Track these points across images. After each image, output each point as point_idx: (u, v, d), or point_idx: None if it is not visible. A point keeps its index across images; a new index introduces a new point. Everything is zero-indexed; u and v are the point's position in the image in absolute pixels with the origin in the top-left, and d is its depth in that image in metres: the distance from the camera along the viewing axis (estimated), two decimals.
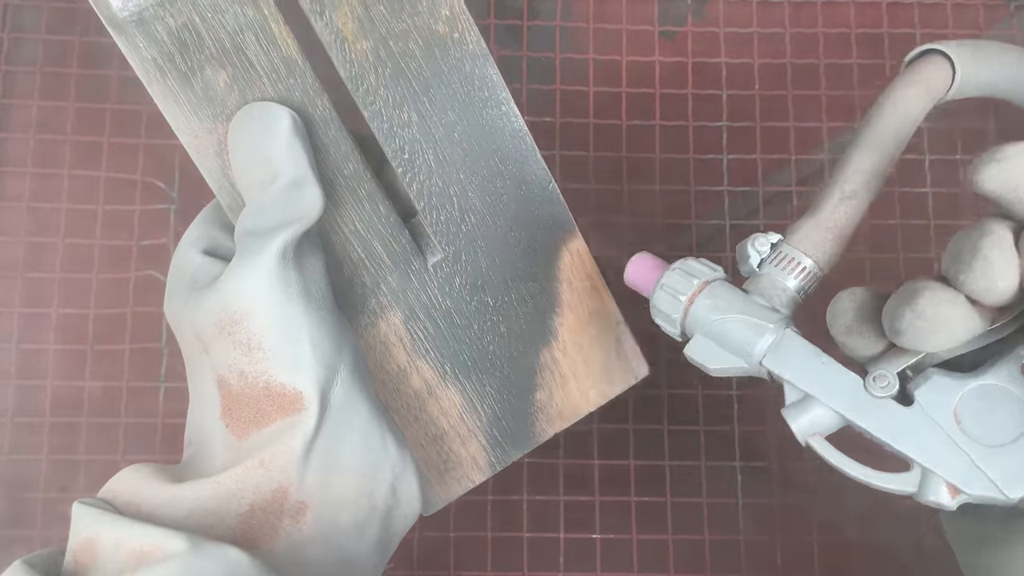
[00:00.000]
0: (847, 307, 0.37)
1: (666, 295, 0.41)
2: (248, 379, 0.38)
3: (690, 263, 0.41)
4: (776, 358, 0.38)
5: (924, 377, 0.36)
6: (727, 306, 0.39)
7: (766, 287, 0.40)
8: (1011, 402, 0.34)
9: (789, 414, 0.38)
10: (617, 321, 0.47)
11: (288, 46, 0.40)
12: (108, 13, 0.38)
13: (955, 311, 0.33)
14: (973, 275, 0.32)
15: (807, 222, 0.41)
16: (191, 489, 0.37)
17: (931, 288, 0.33)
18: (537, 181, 0.44)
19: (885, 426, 0.36)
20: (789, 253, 0.40)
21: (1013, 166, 0.32)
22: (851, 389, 0.36)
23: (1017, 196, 0.32)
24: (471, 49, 0.42)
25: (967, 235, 0.33)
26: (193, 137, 0.40)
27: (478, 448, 0.47)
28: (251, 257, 0.37)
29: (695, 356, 0.40)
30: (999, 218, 0.33)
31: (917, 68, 0.43)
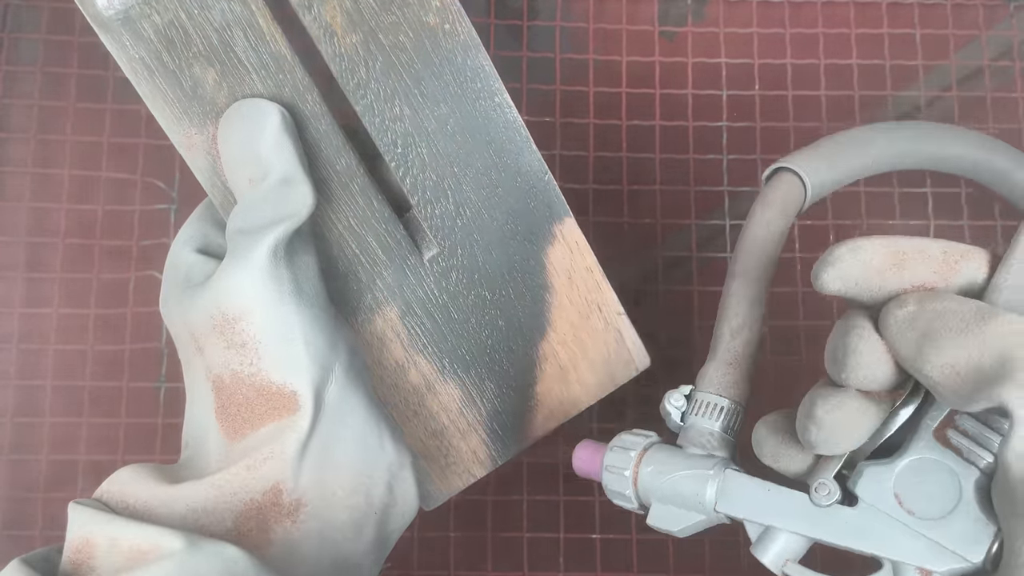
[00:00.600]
0: (766, 435, 0.39)
1: (613, 475, 0.42)
2: (242, 378, 0.38)
3: (624, 438, 0.43)
4: (727, 502, 0.39)
5: (858, 473, 0.36)
6: (668, 467, 0.41)
7: (695, 436, 0.41)
8: (939, 470, 0.34)
9: (757, 551, 0.38)
10: (618, 313, 0.47)
11: (277, 41, 0.40)
12: (93, 11, 0.38)
13: (849, 411, 0.34)
14: (850, 371, 0.34)
15: (709, 366, 0.43)
16: (187, 489, 0.37)
17: (822, 396, 0.35)
18: (533, 172, 0.44)
19: (841, 532, 0.36)
20: (704, 399, 0.42)
21: (845, 266, 0.34)
22: (801, 507, 0.37)
23: (859, 289, 0.35)
24: (462, 40, 0.42)
25: (836, 335, 0.35)
26: (183, 135, 0.40)
27: (478, 442, 0.47)
28: (242, 256, 0.37)
29: (658, 524, 0.41)
30: (858, 310, 0.35)
31: (771, 189, 0.46)
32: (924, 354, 0.32)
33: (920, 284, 0.34)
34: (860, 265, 0.34)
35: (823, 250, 0.55)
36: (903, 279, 0.34)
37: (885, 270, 0.34)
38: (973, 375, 0.31)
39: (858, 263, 0.34)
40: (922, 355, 0.32)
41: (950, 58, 0.59)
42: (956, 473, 0.34)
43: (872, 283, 0.34)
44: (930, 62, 0.59)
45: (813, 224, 0.57)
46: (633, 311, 0.48)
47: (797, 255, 0.56)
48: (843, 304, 0.36)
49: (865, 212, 0.57)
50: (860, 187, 0.57)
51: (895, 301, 0.34)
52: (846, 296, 0.35)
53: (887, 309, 0.34)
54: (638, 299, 0.53)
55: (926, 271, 0.34)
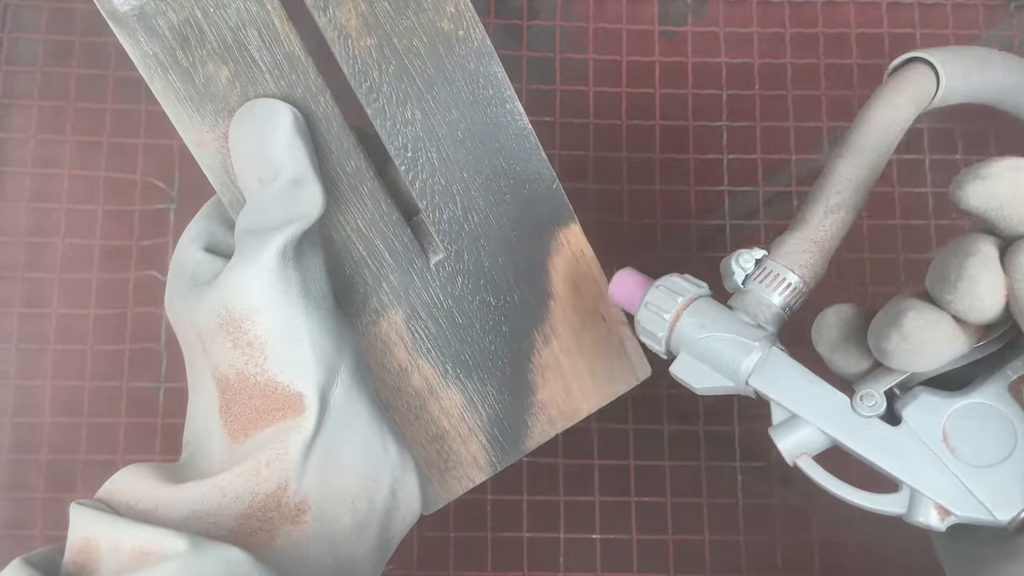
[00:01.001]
0: (832, 324, 0.37)
1: (650, 313, 0.40)
2: (247, 379, 0.38)
3: (674, 280, 0.41)
4: (762, 377, 0.38)
5: (912, 396, 0.35)
6: (712, 324, 0.39)
7: (751, 304, 0.39)
8: (999, 421, 0.34)
9: (776, 434, 0.37)
10: (620, 322, 0.47)
11: (291, 42, 0.39)
12: (109, 7, 0.38)
13: (941, 332, 0.33)
14: (959, 295, 0.32)
15: (791, 237, 0.40)
16: (190, 490, 0.37)
17: (917, 309, 0.33)
18: (541, 180, 0.44)
19: (873, 446, 0.35)
20: (774, 269, 0.40)
21: (998, 184, 0.32)
22: (838, 409, 0.36)
23: (1002, 213, 0.32)
24: (476, 47, 0.42)
25: (952, 253, 0.33)
26: (194, 133, 0.40)
27: (478, 448, 0.47)
28: (251, 256, 0.37)
29: (681, 375, 0.39)
30: (984, 235, 0.33)
31: (902, 76, 0.43)
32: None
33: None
34: (1013, 187, 0.32)
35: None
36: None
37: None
38: None
39: (1015, 185, 0.32)
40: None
41: None
42: (1016, 429, 0.34)
43: (1017, 210, 0.32)
44: None
45: None
46: None
47: None
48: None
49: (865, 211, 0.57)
50: None
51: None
52: (984, 217, 0.33)
53: (1020, 246, 0.32)
54: None
55: None
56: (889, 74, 0.44)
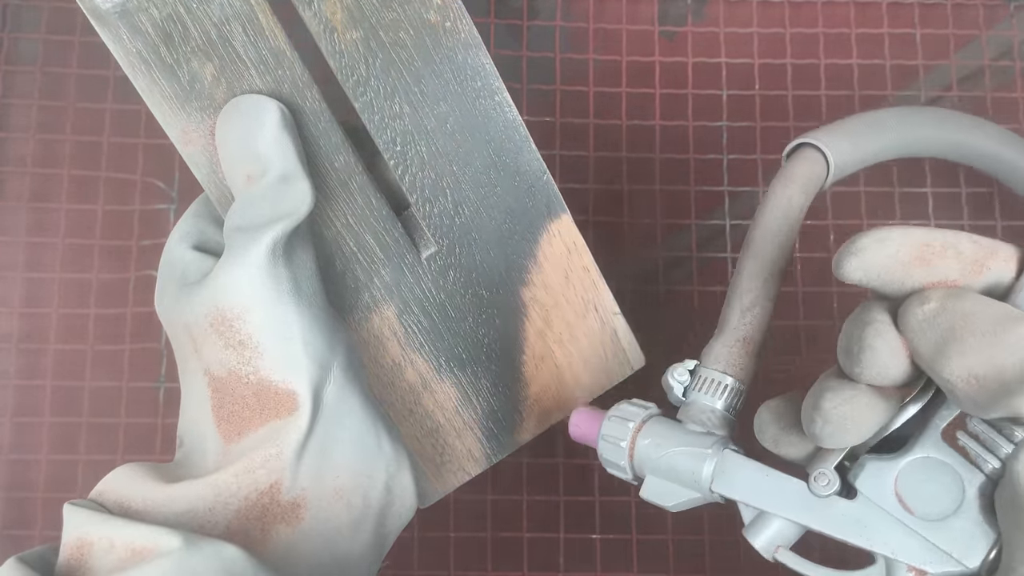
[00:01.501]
0: (768, 421, 0.38)
1: (608, 444, 0.42)
2: (239, 378, 0.38)
3: (623, 408, 0.42)
4: (723, 482, 0.38)
5: (860, 465, 0.36)
6: (665, 441, 0.40)
7: (696, 413, 0.41)
8: (943, 471, 0.34)
9: (749, 534, 0.38)
10: (614, 312, 0.47)
11: (276, 37, 0.39)
12: (91, 5, 0.37)
13: (860, 407, 0.33)
14: (864, 367, 0.33)
15: (716, 342, 0.42)
16: (184, 489, 0.37)
17: (832, 389, 0.34)
18: (531, 172, 0.44)
19: (837, 525, 0.36)
20: (708, 376, 0.41)
21: (870, 257, 0.33)
22: (798, 495, 0.37)
23: (882, 281, 0.34)
24: (463, 38, 0.42)
25: (852, 326, 0.34)
26: (180, 131, 0.40)
27: (473, 440, 0.47)
28: (240, 254, 0.37)
29: (651, 497, 0.41)
30: (876, 302, 0.34)
31: (792, 166, 0.44)
32: (944, 356, 0.31)
33: (944, 281, 0.33)
34: (885, 257, 0.33)
35: (822, 250, 0.55)
36: (928, 275, 0.33)
37: (910, 264, 0.33)
38: (993, 383, 0.30)
39: (883, 255, 0.33)
40: (942, 357, 0.31)
41: (950, 58, 0.59)
42: (960, 476, 0.34)
43: (895, 276, 0.33)
44: (930, 62, 0.59)
45: (813, 224, 0.57)
46: (633, 311, 0.48)
47: (797, 255, 0.56)
48: (844, 302, 0.36)
49: (865, 212, 0.57)
50: (860, 187, 0.57)
51: (917, 297, 0.33)
52: (867, 287, 0.34)
53: (908, 305, 0.33)
54: (638, 299, 0.53)
55: (953, 268, 0.33)
56: (785, 158, 0.46)
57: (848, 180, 0.48)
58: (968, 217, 0.57)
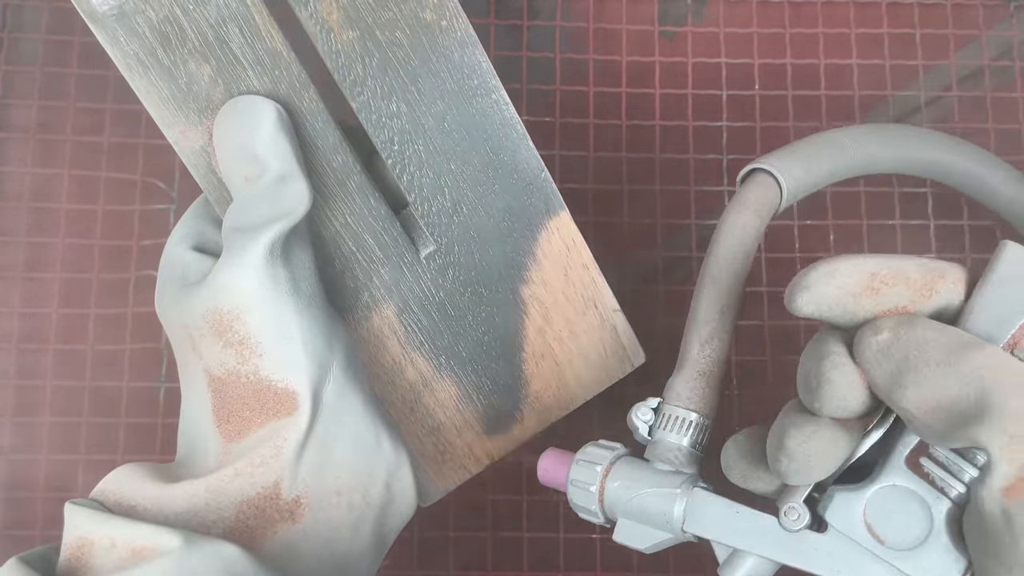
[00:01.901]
0: (734, 458, 0.38)
1: (578, 489, 0.41)
2: (239, 378, 0.38)
3: (589, 451, 0.42)
4: (694, 522, 0.38)
5: (828, 497, 0.36)
6: (634, 483, 0.40)
7: (663, 452, 0.41)
8: (910, 499, 0.34)
9: (724, 572, 0.38)
10: (614, 309, 0.47)
11: (273, 37, 0.39)
12: (87, 8, 0.38)
13: (822, 442, 0.33)
14: (824, 400, 0.33)
15: (677, 378, 0.42)
16: (184, 489, 0.37)
17: (795, 426, 0.34)
18: (529, 169, 0.44)
19: (810, 559, 0.36)
20: (671, 412, 0.41)
21: (819, 290, 0.34)
22: (769, 531, 0.36)
23: (834, 313, 0.34)
24: (459, 37, 0.42)
25: (809, 359, 0.34)
26: (178, 132, 0.40)
27: (474, 438, 0.47)
28: (238, 254, 0.37)
29: (624, 541, 0.40)
30: (831, 333, 0.34)
31: (745, 191, 0.44)
32: (900, 386, 0.31)
33: (895, 308, 0.33)
34: (834, 289, 0.34)
35: (823, 251, 0.55)
36: (878, 304, 0.33)
37: (860, 294, 0.33)
38: (950, 412, 0.30)
39: (832, 287, 0.34)
40: (898, 387, 0.32)
41: (950, 58, 0.59)
42: (927, 503, 0.34)
43: (847, 308, 0.34)
44: (930, 62, 0.59)
45: (813, 224, 0.57)
46: (633, 311, 0.48)
47: (797, 255, 0.56)
48: None
49: (865, 212, 0.57)
50: (860, 187, 0.57)
51: (870, 327, 0.33)
52: (820, 319, 0.34)
53: (862, 335, 0.33)
54: (638, 299, 0.53)
55: (903, 295, 0.33)
56: (739, 183, 0.46)
57: (848, 181, 0.48)
58: (968, 217, 0.57)
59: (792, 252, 0.56)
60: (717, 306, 0.42)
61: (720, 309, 0.42)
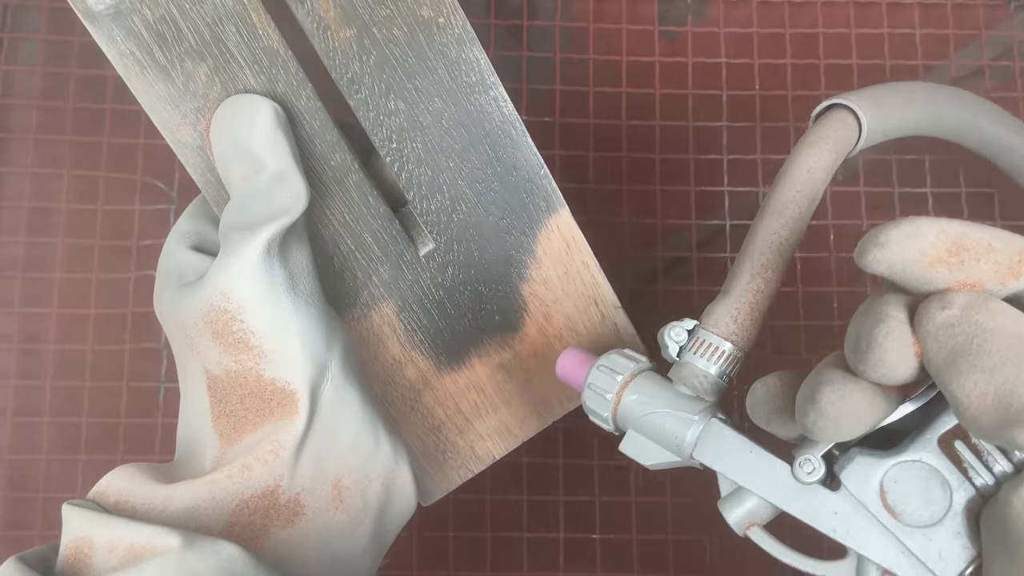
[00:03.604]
0: (761, 398, 0.36)
1: (594, 394, 0.41)
2: (237, 378, 0.38)
3: (613, 358, 0.41)
4: (705, 451, 0.37)
5: (848, 458, 0.35)
6: (652, 400, 0.39)
7: (688, 376, 0.39)
8: (933, 479, 0.33)
9: (724, 507, 0.37)
10: (615, 306, 0.47)
11: (269, 36, 0.39)
12: (83, 7, 0.38)
13: (858, 404, 0.32)
14: (870, 365, 0.31)
15: (720, 304, 0.40)
16: (182, 489, 0.37)
17: (831, 383, 0.32)
18: (529, 166, 0.44)
19: (816, 513, 0.35)
20: (706, 339, 0.39)
21: (896, 249, 0.31)
22: (780, 478, 0.36)
23: (905, 276, 0.31)
24: (457, 33, 0.42)
25: (863, 319, 0.32)
26: (175, 131, 0.40)
27: (476, 437, 0.47)
28: (236, 253, 0.37)
29: (630, 452, 0.40)
30: (893, 296, 0.32)
31: (823, 125, 0.42)
32: (954, 369, 0.29)
33: (971, 283, 0.31)
34: (914, 253, 0.31)
35: (824, 250, 0.55)
36: (955, 275, 0.31)
37: (939, 262, 0.31)
38: (1001, 409, 0.29)
39: (912, 250, 0.31)
40: (952, 369, 0.29)
41: (950, 58, 0.59)
42: (950, 485, 0.33)
43: (922, 275, 0.31)
44: (930, 62, 0.59)
45: (813, 224, 0.56)
46: (633, 311, 0.48)
47: (798, 255, 0.56)
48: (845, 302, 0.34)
49: (865, 212, 0.57)
50: (860, 187, 0.57)
51: (938, 299, 0.30)
52: (889, 279, 0.32)
53: (928, 307, 0.30)
54: (638, 299, 0.53)
55: (985, 272, 0.31)
56: (813, 120, 0.43)
57: (848, 180, 0.48)
58: (967, 217, 0.57)
59: None
60: (776, 238, 0.40)
61: (780, 241, 0.40)
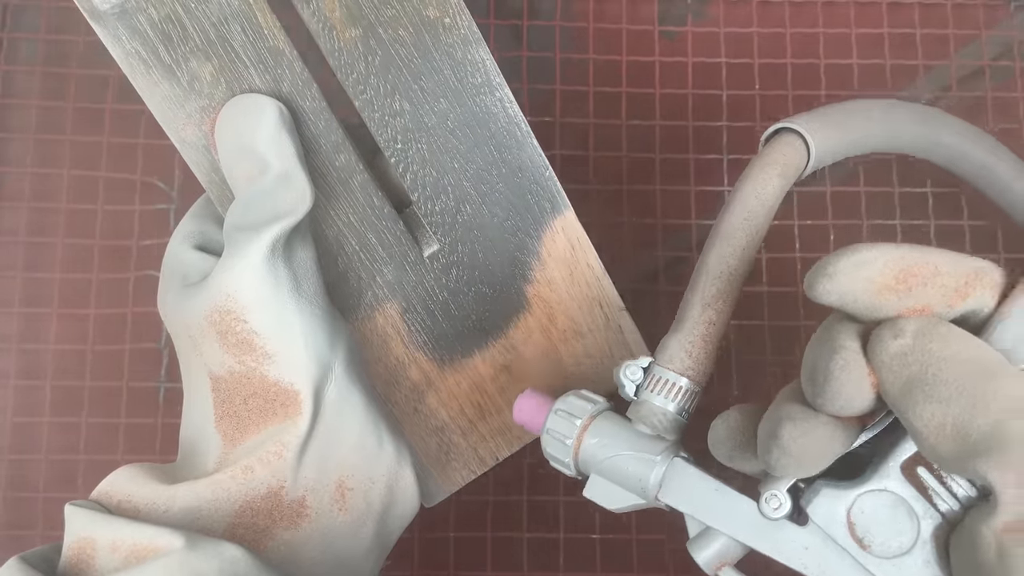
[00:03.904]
0: (722, 436, 0.36)
1: (553, 440, 0.40)
2: (240, 378, 0.38)
3: (570, 400, 0.41)
4: (669, 492, 0.37)
5: (814, 491, 0.34)
6: (612, 442, 0.39)
7: (647, 414, 0.39)
8: (899, 507, 0.33)
9: (693, 548, 0.37)
10: (619, 308, 0.47)
11: (275, 36, 0.39)
12: (89, 6, 0.38)
13: (819, 439, 0.32)
14: (828, 398, 0.31)
15: (672, 339, 0.40)
16: (185, 490, 0.37)
17: (792, 419, 0.32)
18: (533, 168, 0.44)
19: (785, 549, 0.34)
20: (662, 375, 0.39)
21: (845, 281, 0.31)
22: (747, 515, 0.35)
23: (856, 306, 0.31)
24: (463, 34, 0.42)
25: (818, 350, 0.32)
26: (180, 131, 0.40)
27: (479, 439, 0.47)
28: (240, 253, 0.37)
29: (594, 498, 0.39)
30: (844, 326, 0.32)
31: (771, 150, 0.41)
32: (911, 399, 0.30)
33: (921, 308, 0.31)
34: (862, 282, 0.31)
35: (824, 251, 0.55)
36: (904, 302, 0.31)
37: (888, 291, 0.31)
38: (960, 438, 0.29)
39: (860, 279, 0.31)
40: (909, 399, 0.30)
41: (950, 58, 0.59)
42: (916, 514, 0.33)
43: (871, 303, 0.31)
44: (930, 62, 0.59)
45: (813, 224, 0.56)
46: (633, 311, 0.48)
47: (797, 255, 0.56)
48: None
49: (865, 212, 0.57)
50: (860, 187, 0.57)
51: (890, 328, 0.31)
52: (841, 309, 0.32)
53: (880, 335, 0.31)
54: (638, 299, 0.53)
55: (932, 297, 0.31)
56: (762, 145, 0.43)
57: (848, 179, 0.48)
58: (968, 217, 0.57)
59: (792, 252, 0.56)
60: (726, 267, 0.39)
61: (729, 271, 0.39)
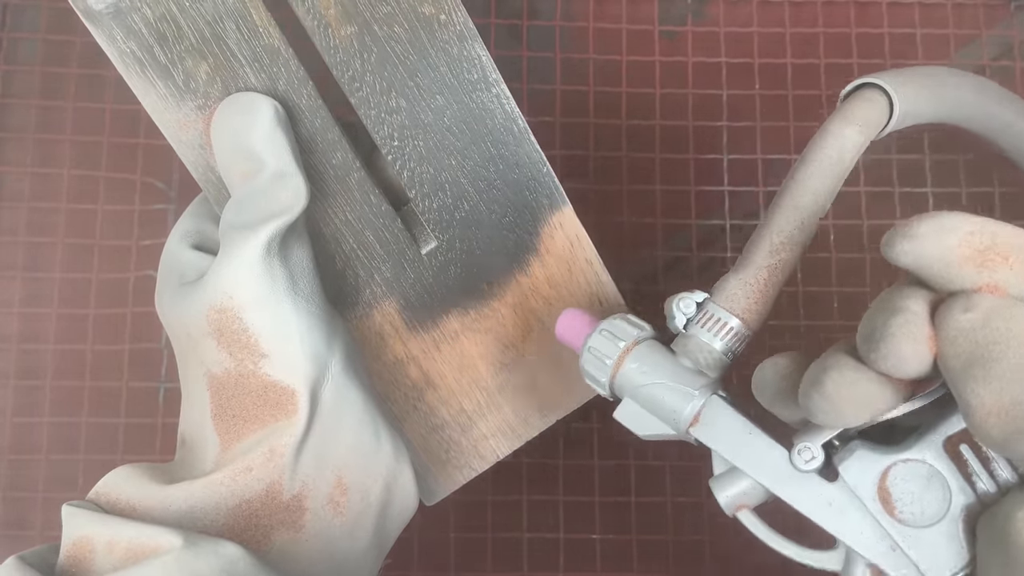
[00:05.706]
0: (770, 378, 0.36)
1: (593, 358, 0.40)
2: (237, 377, 0.38)
3: (617, 323, 0.40)
4: (702, 428, 0.37)
5: (848, 451, 0.34)
6: (653, 370, 0.38)
7: (692, 349, 0.38)
8: (934, 481, 0.33)
9: (716, 485, 0.37)
10: (619, 304, 0.47)
11: (270, 34, 0.39)
12: (83, 6, 0.38)
13: (863, 393, 0.31)
14: (881, 356, 0.30)
15: (733, 279, 0.39)
16: (183, 489, 0.37)
17: (838, 368, 0.31)
18: (531, 164, 0.44)
19: (809, 503, 0.35)
20: (715, 313, 0.38)
21: (925, 243, 0.30)
22: (776, 463, 0.35)
23: (932, 272, 0.31)
24: (458, 30, 0.42)
25: (880, 309, 0.31)
26: (176, 130, 0.40)
27: (479, 436, 0.47)
28: (236, 251, 0.37)
29: (624, 421, 0.39)
30: (913, 289, 0.31)
31: (852, 104, 0.41)
32: (970, 375, 0.29)
33: (996, 287, 0.30)
34: (943, 249, 0.30)
35: (824, 250, 0.55)
36: (981, 277, 0.30)
37: (968, 263, 0.30)
38: (1012, 420, 0.28)
39: (942, 246, 0.30)
40: (967, 375, 0.29)
41: (950, 58, 0.59)
42: (950, 488, 0.33)
43: (948, 272, 0.30)
44: (930, 62, 0.59)
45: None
46: (633, 311, 0.48)
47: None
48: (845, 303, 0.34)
49: (865, 212, 0.57)
50: (860, 187, 0.57)
51: (962, 300, 0.30)
52: (915, 273, 0.31)
53: (950, 307, 0.30)
54: (638, 299, 0.53)
55: (1011, 279, 0.30)
56: (842, 100, 0.42)
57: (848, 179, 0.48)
58: None
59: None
60: (798, 216, 0.38)
61: (801, 220, 0.38)
